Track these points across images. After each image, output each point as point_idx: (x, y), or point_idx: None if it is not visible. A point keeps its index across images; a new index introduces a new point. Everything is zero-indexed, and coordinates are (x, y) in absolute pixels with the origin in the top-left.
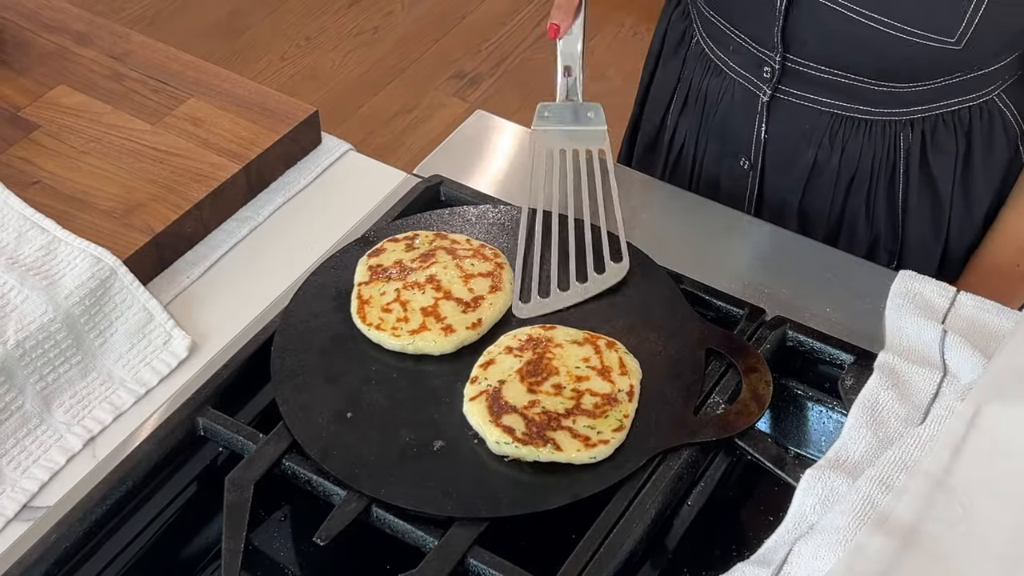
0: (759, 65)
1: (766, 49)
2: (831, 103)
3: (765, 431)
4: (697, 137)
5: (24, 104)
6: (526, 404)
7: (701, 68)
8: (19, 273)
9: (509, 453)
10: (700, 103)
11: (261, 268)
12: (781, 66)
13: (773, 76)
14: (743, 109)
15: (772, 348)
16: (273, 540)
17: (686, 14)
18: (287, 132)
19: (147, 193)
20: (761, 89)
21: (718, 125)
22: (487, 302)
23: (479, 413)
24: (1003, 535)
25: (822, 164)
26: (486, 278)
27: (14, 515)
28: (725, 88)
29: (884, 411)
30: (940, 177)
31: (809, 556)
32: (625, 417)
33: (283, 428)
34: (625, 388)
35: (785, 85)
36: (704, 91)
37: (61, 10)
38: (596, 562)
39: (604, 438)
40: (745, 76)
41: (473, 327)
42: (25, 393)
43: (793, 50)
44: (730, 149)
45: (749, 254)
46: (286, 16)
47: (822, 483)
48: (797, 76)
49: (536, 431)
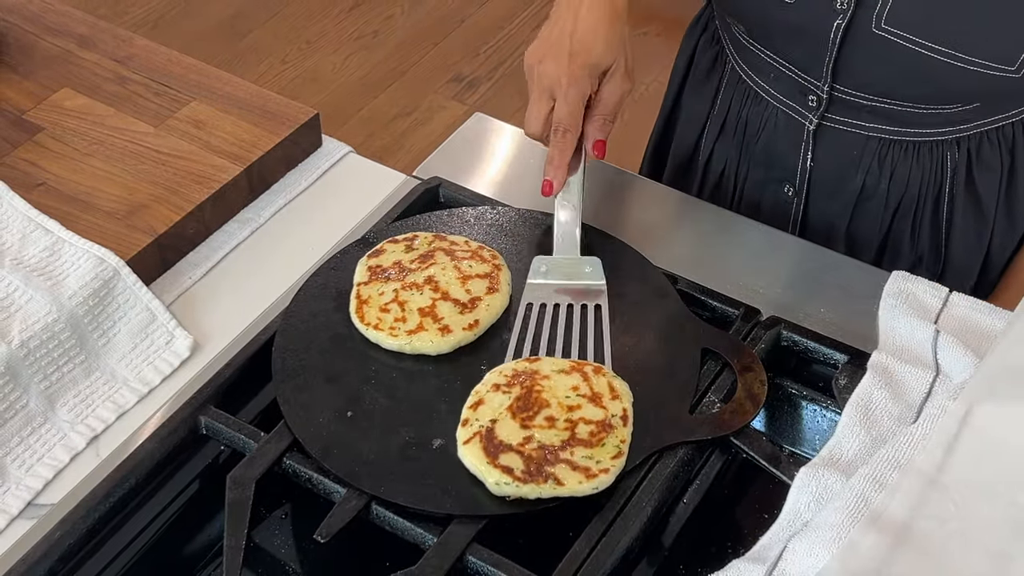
0: (804, 94)
1: (812, 79)
2: (880, 128)
3: (760, 430)
4: (738, 164)
5: (28, 107)
6: (521, 441)
7: (739, 96)
8: (24, 274)
9: (510, 493)
10: (740, 130)
11: (262, 269)
12: (828, 95)
13: (819, 105)
14: (787, 137)
15: (767, 348)
16: (274, 537)
17: (716, 39)
18: (288, 134)
19: (150, 195)
20: (807, 118)
21: (761, 153)
22: (484, 303)
23: (475, 455)
24: (995, 532)
25: (871, 189)
26: (483, 279)
27: (19, 512)
28: (767, 116)
29: (877, 410)
30: (985, 195)
31: (803, 553)
32: (622, 442)
33: (284, 427)
34: (619, 413)
35: (832, 113)
36: (744, 119)
37: (65, 14)
38: (593, 559)
39: (604, 467)
40: (789, 104)
41: (470, 328)
42: (29, 392)
43: (842, 80)
44: (774, 176)
45: (744, 255)
46: (287, 20)
47: (816, 481)
48: (845, 104)
49: (535, 468)
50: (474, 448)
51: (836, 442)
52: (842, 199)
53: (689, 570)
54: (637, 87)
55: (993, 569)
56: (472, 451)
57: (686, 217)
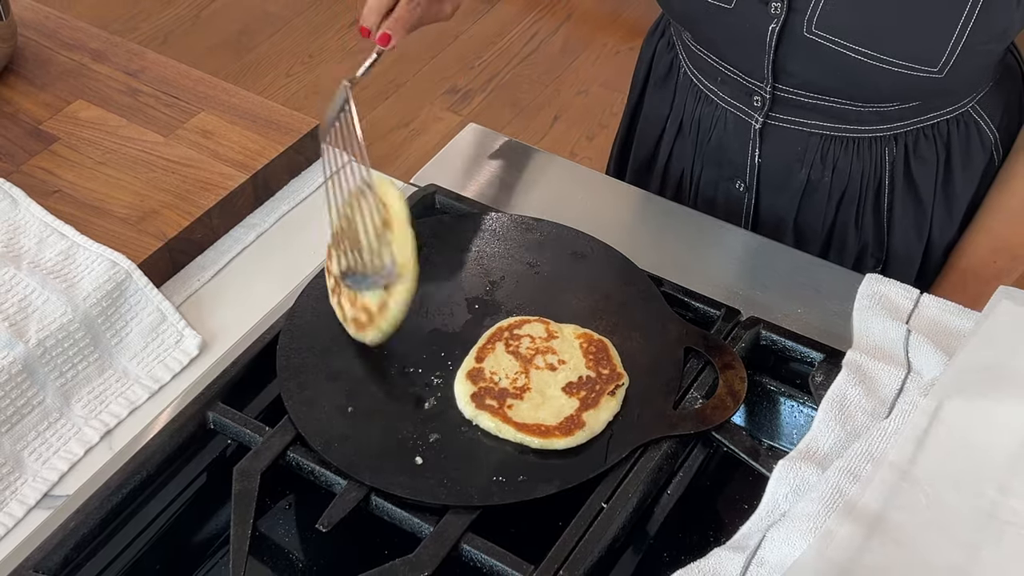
0: (749, 95)
1: (756, 80)
2: (821, 125)
3: (740, 424)
4: (692, 162)
5: (45, 118)
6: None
7: (692, 98)
8: (40, 276)
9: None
10: (694, 131)
11: (267, 272)
12: (771, 95)
13: (764, 105)
14: (736, 136)
15: (747, 347)
16: (278, 527)
17: (671, 45)
18: (292, 144)
19: (160, 201)
20: (753, 117)
21: (713, 151)
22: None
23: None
24: (964, 523)
25: (815, 182)
26: None
27: (36, 503)
28: (717, 117)
29: (852, 406)
30: (923, 185)
31: (781, 542)
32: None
33: (288, 422)
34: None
35: (776, 112)
36: (697, 119)
37: (79, 29)
38: (582, 547)
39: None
40: (736, 105)
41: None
42: (46, 389)
43: (782, 80)
44: (726, 173)
45: (725, 258)
46: (291, 35)
47: (794, 473)
48: (787, 103)
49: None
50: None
51: (812, 436)
52: (789, 193)
53: (672, 558)
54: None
55: (962, 558)
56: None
57: (667, 221)
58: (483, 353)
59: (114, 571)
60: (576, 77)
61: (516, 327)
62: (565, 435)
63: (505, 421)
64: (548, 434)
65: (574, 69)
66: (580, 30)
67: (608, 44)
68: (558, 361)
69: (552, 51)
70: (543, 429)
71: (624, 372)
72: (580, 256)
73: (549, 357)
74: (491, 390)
